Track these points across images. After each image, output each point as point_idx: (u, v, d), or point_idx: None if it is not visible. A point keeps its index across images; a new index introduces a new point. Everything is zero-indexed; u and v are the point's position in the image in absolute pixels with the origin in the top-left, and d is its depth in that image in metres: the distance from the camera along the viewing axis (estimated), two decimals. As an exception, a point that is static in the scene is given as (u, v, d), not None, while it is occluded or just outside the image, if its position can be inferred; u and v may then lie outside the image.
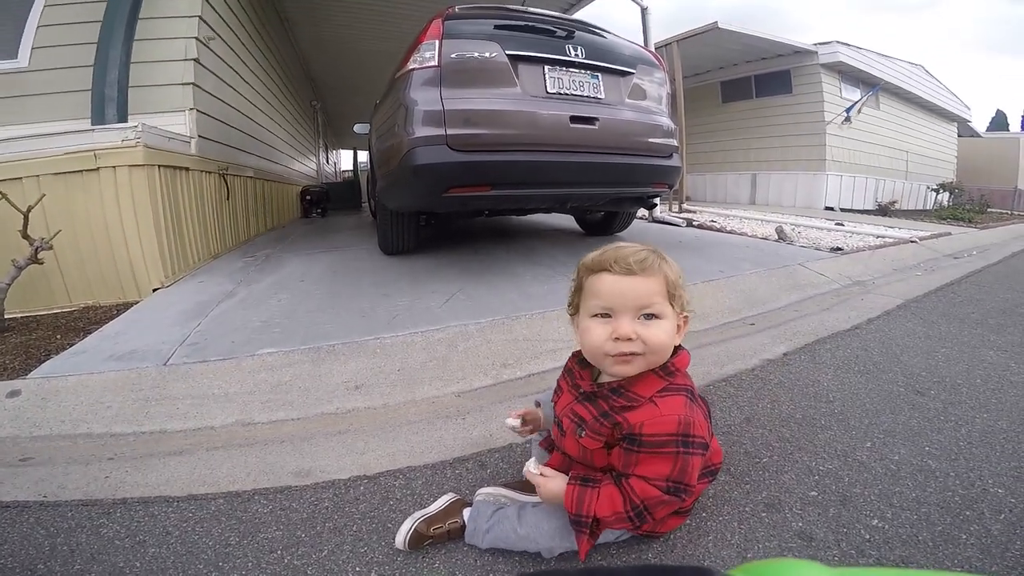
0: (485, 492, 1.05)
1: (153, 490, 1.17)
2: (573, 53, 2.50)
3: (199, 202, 3.31)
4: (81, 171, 2.50)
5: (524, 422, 1.06)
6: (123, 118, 2.77)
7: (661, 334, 0.81)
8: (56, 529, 1.05)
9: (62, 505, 1.13)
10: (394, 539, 0.95)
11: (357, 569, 0.91)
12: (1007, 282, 3.24)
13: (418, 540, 0.94)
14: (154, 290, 2.67)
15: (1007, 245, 5.16)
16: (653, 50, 2.95)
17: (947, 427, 1.33)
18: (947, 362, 1.80)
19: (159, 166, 2.71)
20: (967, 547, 0.90)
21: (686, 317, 0.87)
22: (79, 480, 1.22)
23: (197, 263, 3.23)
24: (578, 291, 0.91)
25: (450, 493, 1.06)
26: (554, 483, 0.87)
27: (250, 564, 0.93)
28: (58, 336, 2.09)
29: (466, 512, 0.98)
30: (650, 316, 0.82)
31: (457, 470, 1.22)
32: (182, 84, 3.30)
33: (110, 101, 2.74)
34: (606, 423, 0.83)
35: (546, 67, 2.44)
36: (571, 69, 2.51)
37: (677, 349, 0.88)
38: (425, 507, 1.02)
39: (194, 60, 3.31)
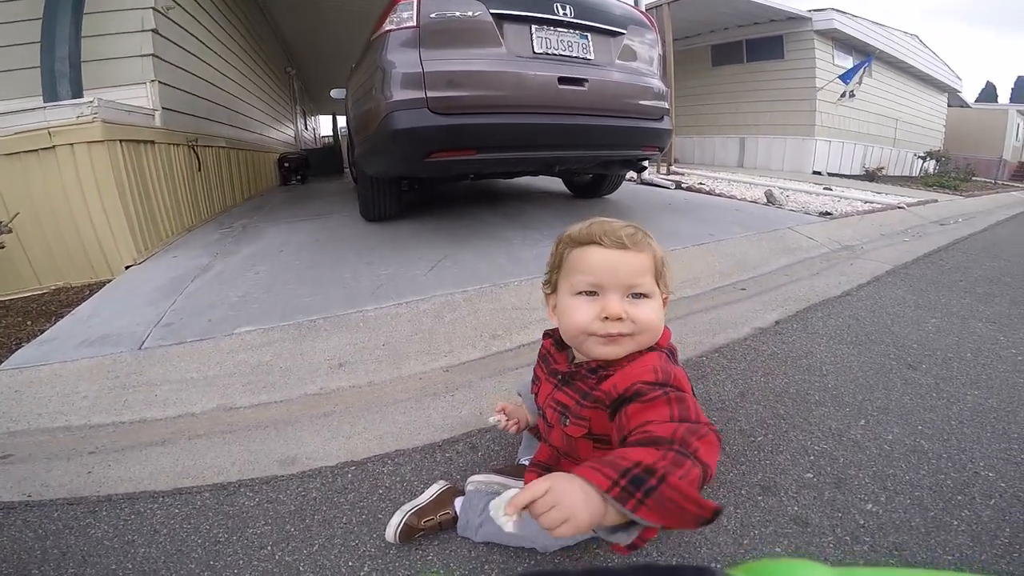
0: (477, 480, 1.02)
1: (137, 485, 1.13)
2: (562, 12, 2.37)
3: (168, 175, 3.18)
4: (36, 150, 2.37)
5: (507, 416, 1.02)
6: (78, 94, 2.61)
7: (652, 313, 0.75)
8: (44, 531, 1.01)
9: (47, 505, 1.09)
10: (384, 531, 0.92)
11: (350, 564, 0.89)
12: (993, 250, 3.26)
13: (409, 533, 0.91)
14: (126, 267, 2.57)
15: (992, 213, 5.21)
16: (644, 10, 2.82)
17: (939, 405, 1.33)
18: (937, 333, 1.81)
19: (120, 141, 2.58)
20: (958, 533, 0.89)
21: (666, 298, 0.81)
22: (62, 477, 1.17)
23: (170, 237, 3.11)
24: (558, 267, 0.82)
25: (441, 481, 1.03)
26: (561, 484, 0.54)
27: (241, 562, 0.91)
28: (28, 322, 2.00)
29: (458, 502, 0.95)
30: (639, 295, 0.75)
31: (447, 453, 1.20)
32: (141, 56, 3.12)
33: (62, 77, 2.58)
34: (587, 403, 0.77)
35: (533, 26, 2.33)
36: (559, 29, 2.39)
37: None
38: (415, 496, 0.99)
39: (152, 31, 3.12)
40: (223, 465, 1.19)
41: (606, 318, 0.73)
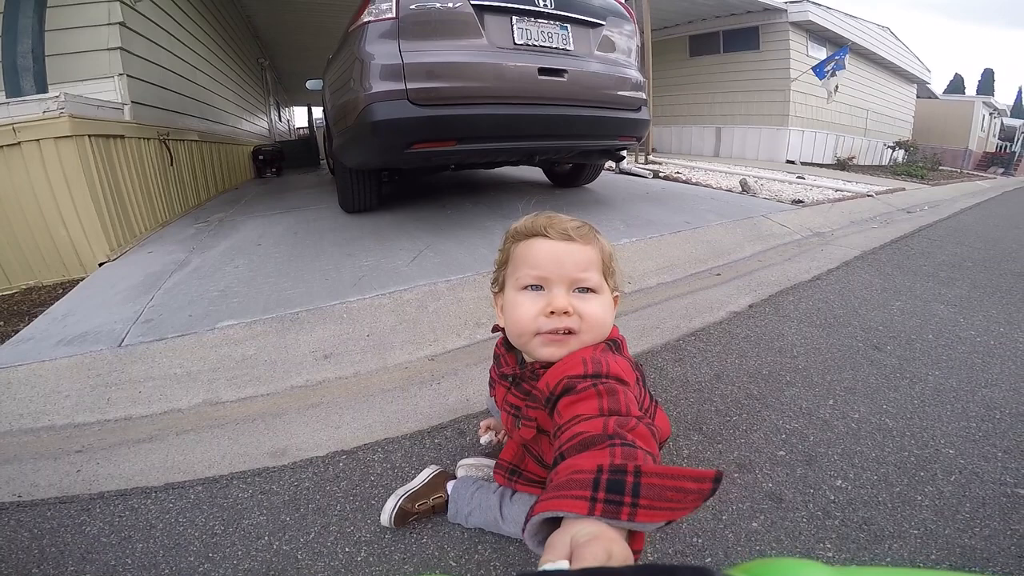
0: (467, 464, 1.05)
1: (129, 481, 1.13)
2: (542, 3, 2.39)
3: (140, 170, 3.11)
4: (1, 147, 2.28)
5: (494, 431, 1.04)
6: (42, 88, 2.52)
7: (599, 309, 0.71)
8: (40, 530, 1.00)
9: (39, 504, 1.08)
10: (379, 517, 0.95)
11: (346, 550, 0.91)
12: (956, 236, 3.42)
13: (403, 517, 0.94)
14: (100, 264, 2.51)
15: (956, 201, 5.43)
16: (623, 1, 2.85)
17: (903, 384, 1.40)
18: (902, 316, 1.90)
19: (89, 136, 2.51)
20: (922, 509, 0.95)
21: (617, 297, 0.78)
22: (51, 476, 1.16)
23: (144, 233, 3.05)
24: (505, 263, 0.79)
25: (432, 465, 1.06)
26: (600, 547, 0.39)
27: (239, 553, 0.92)
28: (1, 322, 1.95)
29: (450, 485, 0.98)
30: (585, 290, 0.71)
31: (436, 439, 1.22)
32: (108, 49, 3.02)
33: (25, 72, 2.48)
34: (531, 403, 0.73)
35: (514, 17, 2.34)
36: (540, 20, 2.41)
37: None
38: (408, 481, 1.01)
39: (119, 24, 3.02)
40: (213, 459, 1.19)
41: (552, 312, 0.69)
